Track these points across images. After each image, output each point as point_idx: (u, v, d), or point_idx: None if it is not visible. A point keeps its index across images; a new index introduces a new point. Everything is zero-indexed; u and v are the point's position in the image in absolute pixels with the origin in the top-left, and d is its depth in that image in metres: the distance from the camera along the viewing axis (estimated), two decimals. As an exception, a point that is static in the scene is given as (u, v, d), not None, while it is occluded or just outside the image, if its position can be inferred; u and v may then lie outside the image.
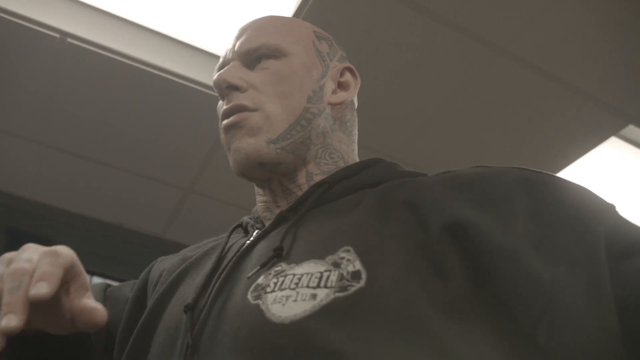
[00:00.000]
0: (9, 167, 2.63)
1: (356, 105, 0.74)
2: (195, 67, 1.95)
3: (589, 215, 0.47)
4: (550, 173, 0.54)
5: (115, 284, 0.85)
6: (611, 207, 0.49)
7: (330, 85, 0.68)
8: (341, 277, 0.48)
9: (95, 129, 2.28)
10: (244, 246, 0.62)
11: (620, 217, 0.49)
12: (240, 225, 0.72)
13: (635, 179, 2.32)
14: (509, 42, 1.71)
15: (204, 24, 1.83)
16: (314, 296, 0.47)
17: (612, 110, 1.93)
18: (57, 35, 1.82)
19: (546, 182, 0.52)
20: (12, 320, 0.46)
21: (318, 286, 0.48)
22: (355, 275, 0.48)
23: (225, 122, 0.65)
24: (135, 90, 2.04)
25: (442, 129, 2.10)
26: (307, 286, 0.49)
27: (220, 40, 1.88)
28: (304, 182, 0.65)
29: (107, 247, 3.87)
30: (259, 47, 0.66)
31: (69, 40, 1.84)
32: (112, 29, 1.85)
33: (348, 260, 0.50)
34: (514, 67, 1.80)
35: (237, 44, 0.68)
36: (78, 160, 2.51)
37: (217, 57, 2.03)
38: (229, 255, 0.63)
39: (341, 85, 0.70)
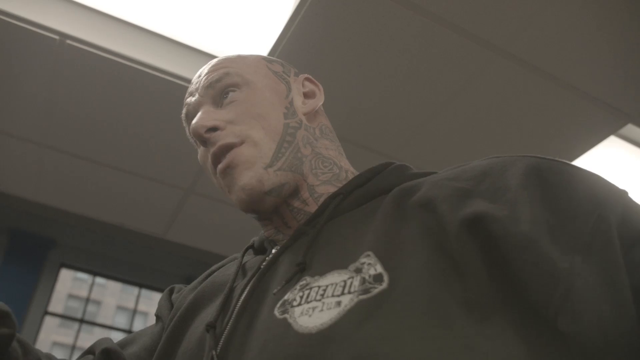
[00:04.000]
0: (10, 168, 2.64)
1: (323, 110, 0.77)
2: (195, 68, 1.95)
3: (601, 202, 0.47)
4: (560, 159, 0.54)
5: (115, 284, 0.88)
6: (623, 194, 0.49)
7: (298, 99, 0.72)
8: (363, 281, 0.49)
9: (96, 130, 2.28)
10: (265, 263, 0.63)
11: (631, 204, 0.48)
12: (251, 247, 0.74)
13: (635, 178, 2.33)
14: (507, 42, 1.71)
15: (203, 26, 1.83)
16: (338, 303, 0.48)
17: (611, 110, 1.93)
18: (56, 37, 1.82)
19: (557, 169, 0.51)
20: None
21: (342, 293, 0.49)
22: (378, 277, 0.49)
23: (219, 166, 0.66)
24: (135, 92, 2.05)
25: (441, 128, 2.11)
26: (332, 295, 0.50)
27: (219, 41, 1.89)
28: (307, 196, 0.66)
29: (108, 247, 3.88)
30: (221, 77, 0.69)
31: (69, 42, 1.84)
32: (112, 31, 1.86)
33: (369, 264, 0.51)
34: (513, 67, 1.80)
35: (200, 82, 0.71)
36: (79, 161, 2.51)
37: (216, 58, 2.03)
38: (249, 274, 0.64)
39: (307, 95, 0.73)
